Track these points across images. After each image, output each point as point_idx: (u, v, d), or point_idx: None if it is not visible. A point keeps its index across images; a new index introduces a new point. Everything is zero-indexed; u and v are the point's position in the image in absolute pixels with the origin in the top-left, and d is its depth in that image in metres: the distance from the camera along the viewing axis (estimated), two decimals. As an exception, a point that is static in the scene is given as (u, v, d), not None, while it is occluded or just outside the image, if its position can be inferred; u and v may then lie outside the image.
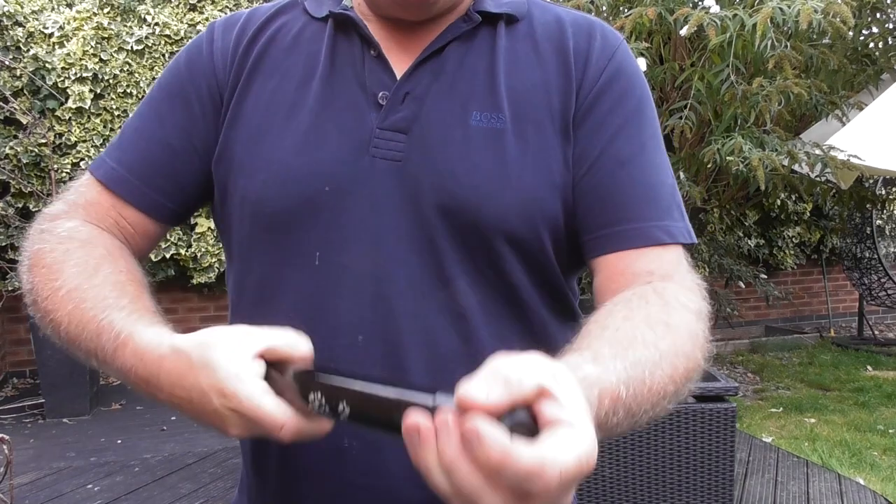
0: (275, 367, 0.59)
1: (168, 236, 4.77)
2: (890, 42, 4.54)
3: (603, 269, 0.76)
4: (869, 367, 5.55)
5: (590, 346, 0.61)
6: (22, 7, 4.71)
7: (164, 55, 4.91)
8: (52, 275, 0.74)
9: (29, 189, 4.61)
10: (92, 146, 4.75)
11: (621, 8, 3.58)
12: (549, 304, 0.79)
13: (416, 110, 0.75)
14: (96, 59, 4.75)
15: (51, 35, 4.72)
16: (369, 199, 0.74)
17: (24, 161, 4.59)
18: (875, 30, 4.53)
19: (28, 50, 4.65)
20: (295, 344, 0.59)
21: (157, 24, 4.88)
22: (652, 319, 0.67)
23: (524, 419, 0.45)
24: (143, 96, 4.85)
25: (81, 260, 0.74)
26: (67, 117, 4.72)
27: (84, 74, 4.70)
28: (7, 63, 4.57)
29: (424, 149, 0.74)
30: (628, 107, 0.78)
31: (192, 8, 5.03)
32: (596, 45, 0.79)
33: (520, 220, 0.73)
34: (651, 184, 0.76)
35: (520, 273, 0.75)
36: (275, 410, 0.57)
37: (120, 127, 4.79)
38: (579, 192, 0.76)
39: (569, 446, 0.43)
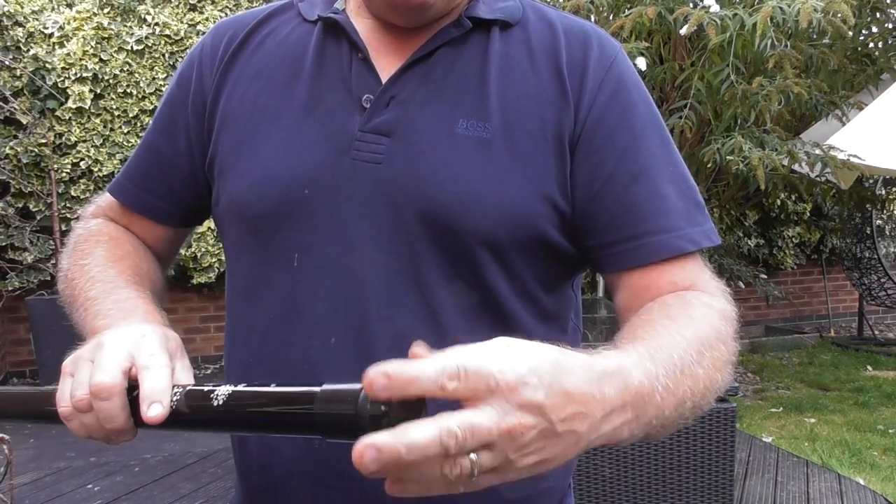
0: None
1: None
2: (890, 42, 4.54)
3: (625, 286, 0.76)
4: (869, 367, 5.55)
5: (625, 349, 0.60)
6: (22, 7, 4.70)
7: (164, 55, 4.91)
8: (83, 256, 0.83)
9: (29, 189, 4.61)
10: (92, 146, 4.75)
11: (621, 8, 3.58)
12: (532, 310, 0.78)
13: (399, 114, 0.75)
14: (96, 59, 4.75)
15: (51, 35, 4.72)
16: (348, 201, 0.74)
17: (24, 161, 4.59)
18: (875, 30, 4.53)
19: (28, 50, 4.65)
20: (148, 398, 0.59)
21: (157, 24, 4.87)
22: (672, 314, 0.69)
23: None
24: (143, 96, 4.86)
25: (109, 250, 0.84)
26: (67, 117, 4.72)
27: (84, 74, 4.70)
28: (7, 63, 4.57)
29: (406, 153, 0.74)
30: (634, 120, 0.76)
31: (192, 8, 5.03)
32: (592, 56, 0.77)
33: (502, 228, 0.72)
34: (665, 194, 0.75)
35: (500, 280, 0.74)
36: (114, 373, 0.60)
37: (120, 127, 4.81)
38: (593, 210, 0.75)
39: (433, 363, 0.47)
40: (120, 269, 0.80)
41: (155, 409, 0.58)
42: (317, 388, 0.51)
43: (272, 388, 0.55)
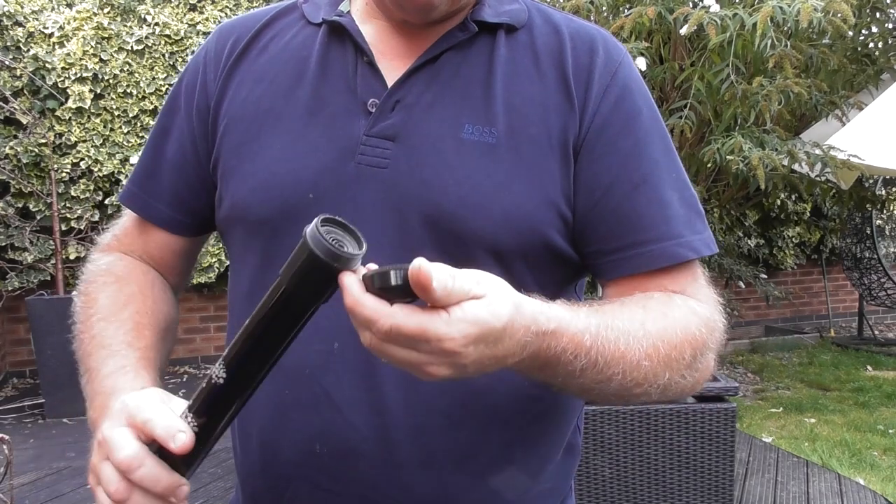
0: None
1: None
2: (890, 42, 4.54)
3: (617, 285, 0.77)
4: (869, 367, 5.55)
5: (571, 304, 0.65)
6: (22, 7, 4.70)
7: (164, 55, 4.91)
8: (89, 304, 0.81)
9: (29, 189, 4.61)
10: (92, 146, 4.75)
11: (621, 7, 3.58)
12: None
13: (405, 118, 0.74)
14: (96, 59, 4.75)
15: (51, 35, 4.71)
16: (352, 206, 0.73)
17: (24, 161, 4.59)
18: (875, 30, 4.53)
19: (28, 50, 4.65)
20: (168, 435, 0.58)
21: (157, 24, 4.87)
22: (649, 306, 0.70)
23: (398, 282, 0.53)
24: (143, 96, 4.85)
25: (113, 295, 0.81)
26: (67, 117, 4.72)
27: (84, 74, 4.70)
28: (7, 63, 4.57)
29: (411, 158, 0.73)
30: (637, 127, 0.76)
31: (192, 8, 5.03)
32: (598, 62, 0.77)
33: (507, 234, 0.72)
34: (667, 201, 0.75)
35: None
36: (130, 443, 0.59)
37: (120, 127, 4.81)
38: (595, 217, 0.75)
39: (416, 316, 0.53)
40: (120, 322, 0.78)
41: (180, 438, 0.57)
42: (277, 278, 0.54)
43: (246, 321, 0.56)
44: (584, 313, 0.64)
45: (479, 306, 0.54)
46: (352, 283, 0.54)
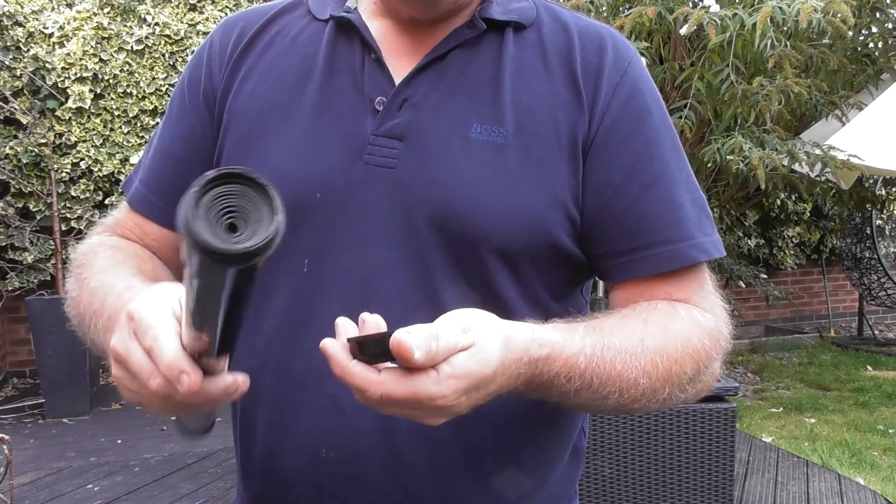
0: None
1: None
2: (890, 42, 4.54)
3: (623, 290, 0.76)
4: (869, 367, 5.55)
5: (569, 322, 0.65)
6: (22, 7, 4.70)
7: (164, 55, 4.91)
8: (82, 272, 0.79)
9: (29, 189, 4.61)
10: (92, 146, 4.74)
11: (621, 7, 3.58)
12: (542, 318, 0.77)
13: (413, 118, 0.73)
14: (96, 59, 4.75)
15: (51, 35, 4.71)
16: (360, 206, 0.72)
17: (24, 161, 4.59)
18: (875, 30, 4.53)
19: (28, 50, 4.65)
20: (172, 377, 0.54)
21: (157, 24, 4.87)
22: (650, 320, 0.69)
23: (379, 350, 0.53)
24: (143, 96, 4.85)
25: (108, 256, 0.79)
26: (67, 117, 4.71)
27: (84, 74, 4.69)
28: (7, 63, 4.57)
29: (419, 157, 0.72)
30: (647, 127, 0.75)
31: (192, 8, 5.03)
32: (607, 61, 0.76)
33: (514, 234, 0.72)
34: (679, 202, 0.75)
35: (511, 287, 0.74)
36: (174, 345, 0.54)
37: (120, 127, 4.80)
38: (604, 218, 0.74)
39: (405, 383, 0.53)
40: (120, 272, 0.75)
41: (184, 380, 0.53)
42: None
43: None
44: (581, 333, 0.64)
45: (468, 359, 0.54)
46: (337, 352, 0.55)
